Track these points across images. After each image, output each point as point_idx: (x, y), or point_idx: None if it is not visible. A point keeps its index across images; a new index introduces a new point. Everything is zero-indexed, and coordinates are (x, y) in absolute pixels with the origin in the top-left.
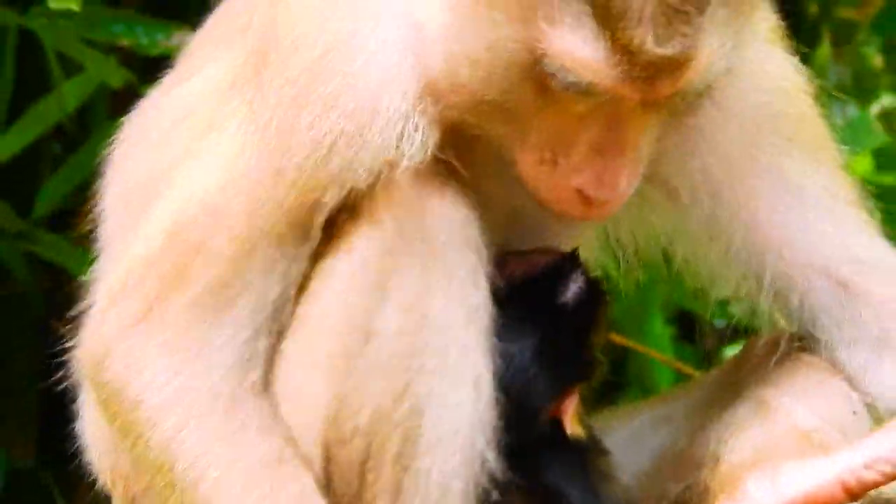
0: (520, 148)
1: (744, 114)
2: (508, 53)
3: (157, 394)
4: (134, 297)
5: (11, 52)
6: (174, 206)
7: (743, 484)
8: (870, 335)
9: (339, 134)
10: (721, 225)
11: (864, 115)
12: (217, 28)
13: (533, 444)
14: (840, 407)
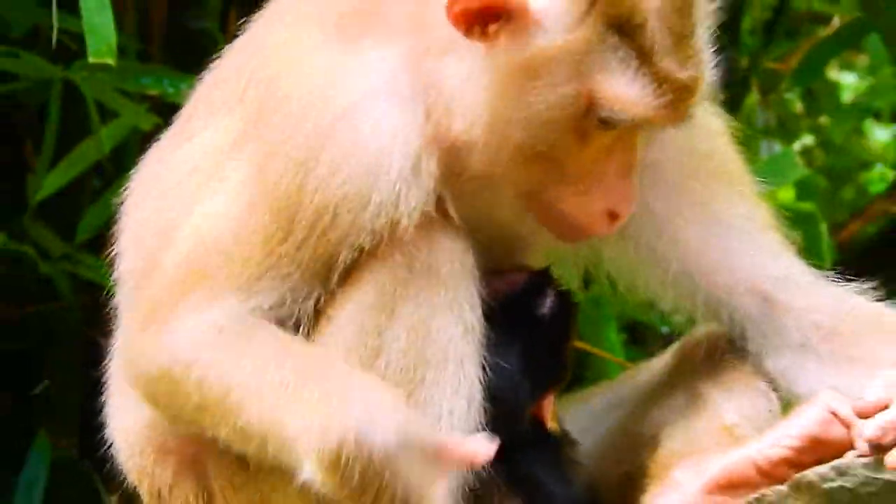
0: (555, 190)
1: (679, 156)
2: (566, 108)
3: (196, 365)
4: (163, 306)
5: (56, 101)
6: (189, 246)
7: (673, 472)
8: (792, 342)
9: (344, 197)
10: (659, 253)
11: (788, 152)
12: (210, 93)
13: (516, 439)
14: (760, 406)
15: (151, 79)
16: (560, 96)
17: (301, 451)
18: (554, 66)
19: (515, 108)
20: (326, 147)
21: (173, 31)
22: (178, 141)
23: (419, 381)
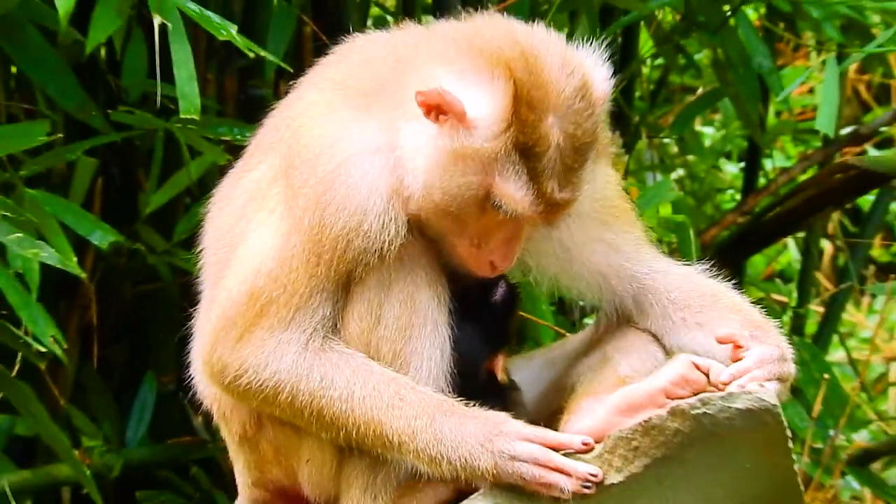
0: (458, 238)
1: (583, 207)
2: (471, 190)
3: (284, 371)
4: (237, 326)
5: (160, 144)
6: (250, 269)
7: (580, 403)
8: (656, 313)
9: (350, 230)
10: (572, 266)
11: (666, 181)
12: (262, 137)
13: (476, 386)
14: (648, 363)
15: (225, 128)
16: (469, 181)
17: (410, 451)
18: (470, 160)
19: (440, 178)
20: (332, 189)
21: (241, 96)
22: (241, 173)
23: (408, 337)
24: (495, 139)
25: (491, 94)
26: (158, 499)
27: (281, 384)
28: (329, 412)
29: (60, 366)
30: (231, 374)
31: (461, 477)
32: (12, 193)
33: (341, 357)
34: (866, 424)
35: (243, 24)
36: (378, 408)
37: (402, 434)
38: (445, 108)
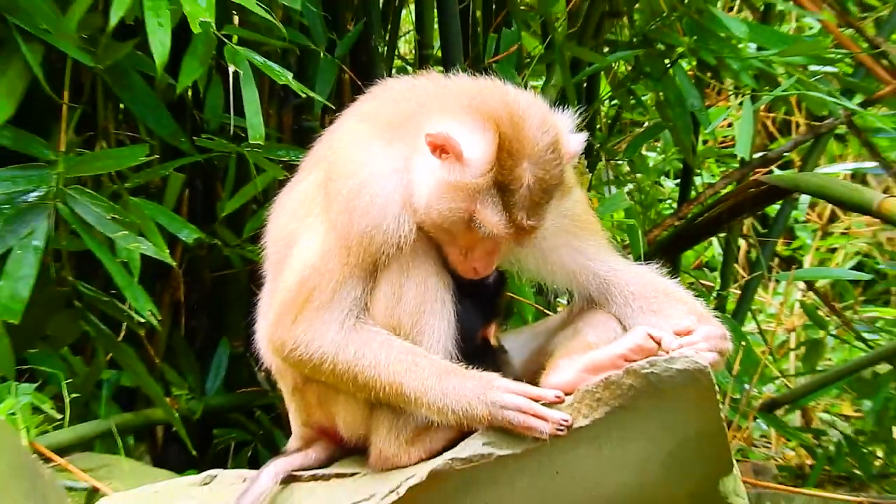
0: (450, 247)
1: (555, 220)
2: (459, 213)
3: (327, 346)
4: (291, 310)
5: (233, 163)
6: (300, 264)
7: (556, 363)
8: (618, 302)
9: (372, 227)
10: (546, 266)
11: (620, 193)
12: (311, 155)
13: (472, 350)
14: (610, 333)
15: (283, 151)
16: (458, 206)
17: (423, 404)
18: (461, 190)
19: (438, 201)
20: (359, 197)
21: (295, 127)
22: (294, 184)
23: (422, 312)
24: (481, 176)
25: (482, 141)
26: (230, 435)
27: (324, 356)
28: (361, 377)
29: (155, 333)
30: (287, 348)
31: (463, 423)
32: (119, 200)
33: (369, 333)
34: (772, 380)
35: (297, 72)
36: (398, 372)
37: (416, 392)
38: (448, 148)
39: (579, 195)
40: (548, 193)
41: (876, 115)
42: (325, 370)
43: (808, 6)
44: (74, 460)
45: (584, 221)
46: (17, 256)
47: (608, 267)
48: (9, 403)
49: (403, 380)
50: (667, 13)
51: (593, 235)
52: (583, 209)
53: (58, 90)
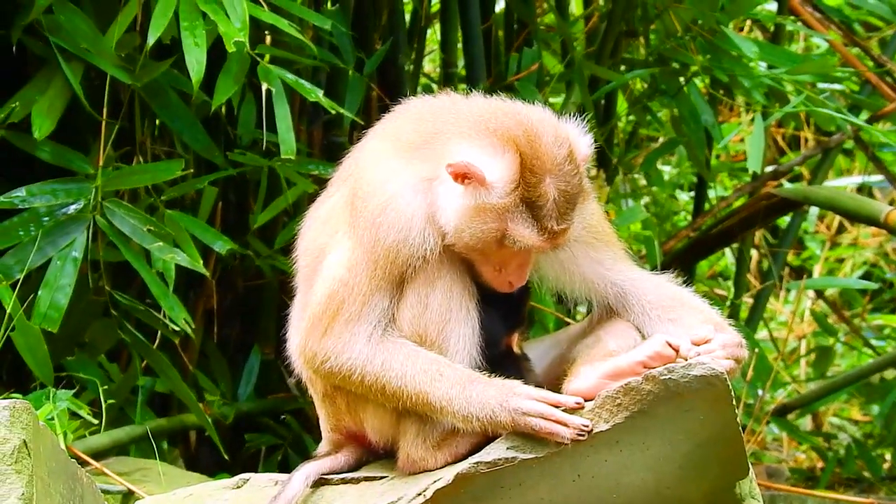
0: (483, 266)
1: (575, 232)
2: (491, 234)
3: (355, 358)
4: (321, 323)
5: (265, 177)
6: (329, 278)
7: (578, 370)
8: (636, 311)
9: (398, 242)
10: (566, 277)
11: (637, 206)
12: (340, 172)
13: (497, 357)
14: (629, 341)
15: (313, 166)
16: (490, 227)
17: (449, 412)
18: (490, 212)
19: (468, 226)
20: (384, 214)
21: (324, 142)
22: (324, 199)
23: (447, 320)
24: (508, 196)
25: (503, 164)
26: (261, 440)
27: (353, 368)
28: (389, 388)
29: (189, 340)
30: (318, 361)
31: (487, 430)
32: (156, 213)
33: (396, 345)
34: (784, 385)
35: (327, 89)
36: (424, 382)
37: (441, 401)
38: (470, 175)
39: (595, 207)
40: (572, 202)
41: (882, 130)
42: (355, 381)
43: (815, 27)
44: (110, 464)
45: (601, 233)
46: (57, 267)
47: (625, 276)
48: (47, 409)
49: (429, 389)
50: (681, 33)
51: (610, 246)
52: (599, 220)
53: (97, 107)
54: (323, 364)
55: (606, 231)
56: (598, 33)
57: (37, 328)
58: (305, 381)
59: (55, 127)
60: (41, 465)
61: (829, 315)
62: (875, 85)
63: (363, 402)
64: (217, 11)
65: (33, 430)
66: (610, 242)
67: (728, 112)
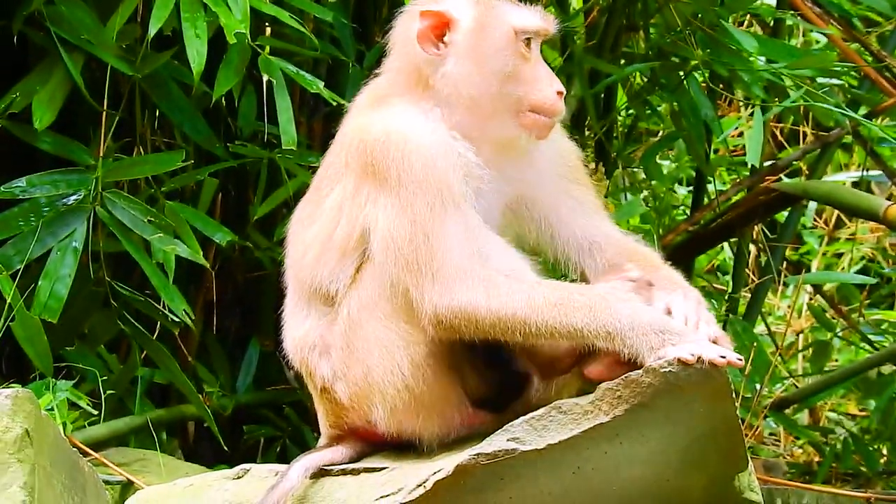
0: (526, 93)
1: (554, 172)
2: (507, 40)
3: (477, 290)
4: (424, 279)
5: (265, 169)
6: (399, 240)
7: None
8: (605, 266)
9: (441, 168)
10: (545, 226)
11: (636, 200)
12: (328, 171)
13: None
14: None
15: (314, 157)
16: (503, 35)
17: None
18: (490, 28)
19: (488, 57)
20: (414, 154)
21: (325, 134)
22: (319, 195)
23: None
24: (484, 7)
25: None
26: (260, 431)
27: (477, 303)
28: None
29: (189, 332)
30: (448, 313)
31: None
32: (156, 204)
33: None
34: (782, 380)
35: (328, 81)
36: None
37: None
38: (442, 19)
39: (577, 152)
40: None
41: (880, 125)
42: (483, 318)
43: (815, 21)
44: (109, 455)
45: (582, 179)
46: (57, 257)
47: (604, 230)
48: (47, 399)
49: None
50: (681, 27)
51: (592, 196)
52: (580, 167)
53: (98, 98)
54: (452, 310)
55: (588, 182)
56: (598, 27)
57: (37, 318)
58: (304, 375)
59: (56, 117)
60: (43, 454)
61: (827, 310)
62: (874, 80)
63: (366, 394)
64: (218, 3)
65: (35, 419)
66: (593, 196)
67: (727, 106)
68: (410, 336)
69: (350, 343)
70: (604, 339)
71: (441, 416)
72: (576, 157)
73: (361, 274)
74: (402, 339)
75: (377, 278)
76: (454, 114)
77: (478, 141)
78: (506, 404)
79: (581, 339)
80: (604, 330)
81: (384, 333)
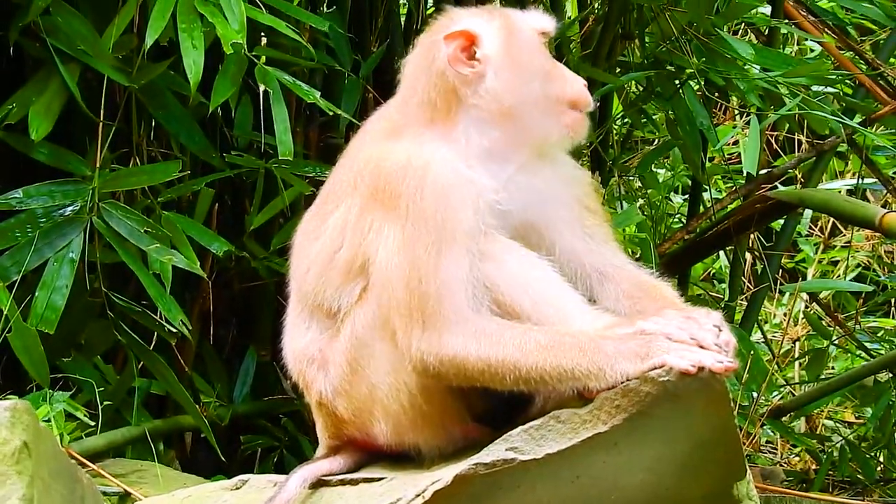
0: (558, 85)
1: (565, 197)
2: (536, 43)
3: (466, 336)
4: (412, 320)
5: (261, 178)
6: (394, 273)
7: None
8: (611, 297)
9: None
10: (556, 252)
11: (632, 208)
12: (335, 187)
13: None
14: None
15: (309, 167)
16: (530, 37)
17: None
18: (517, 33)
19: (525, 62)
20: (424, 183)
21: (321, 143)
22: (322, 213)
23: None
24: (503, 19)
25: (477, 20)
26: (257, 441)
27: (467, 349)
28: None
29: (185, 342)
30: (432, 358)
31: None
32: (153, 214)
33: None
34: (778, 388)
35: (324, 91)
36: (550, 348)
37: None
38: (467, 38)
39: (587, 178)
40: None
41: (875, 133)
42: (472, 365)
43: (810, 30)
44: (106, 466)
45: (592, 207)
46: (54, 268)
47: (611, 260)
48: (44, 410)
49: (556, 356)
50: (677, 36)
51: (602, 225)
52: (590, 194)
53: (94, 108)
54: (439, 359)
55: (598, 210)
56: (593, 36)
57: (33, 329)
58: (301, 387)
59: (52, 128)
60: (42, 465)
61: (823, 318)
62: (869, 88)
63: (369, 409)
64: (215, 13)
65: (34, 430)
66: (602, 225)
67: (723, 115)
68: None
69: (354, 360)
70: (595, 378)
71: (442, 431)
72: (587, 184)
73: (368, 294)
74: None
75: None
76: (490, 131)
77: (511, 156)
78: (507, 420)
79: (573, 380)
80: (595, 367)
81: (392, 352)
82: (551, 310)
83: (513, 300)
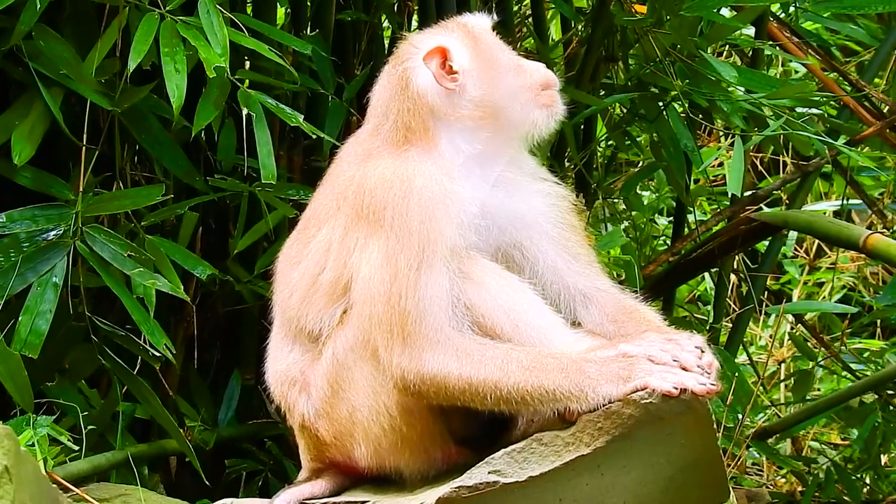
0: (528, 92)
1: (547, 216)
2: (509, 56)
3: (447, 353)
4: (393, 337)
5: (245, 202)
6: (386, 302)
7: None
8: (595, 320)
9: (435, 219)
10: (538, 273)
11: (616, 230)
12: (316, 212)
13: None
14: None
15: (293, 190)
16: (491, 38)
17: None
18: (480, 38)
19: (496, 63)
20: (408, 199)
21: (305, 167)
22: (307, 234)
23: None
24: (472, 30)
25: (448, 38)
26: (242, 465)
27: (448, 367)
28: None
29: (170, 366)
30: (412, 375)
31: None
32: (136, 238)
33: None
34: (764, 409)
35: (307, 114)
36: (534, 369)
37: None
38: (443, 55)
39: (568, 196)
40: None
41: (860, 154)
42: (452, 383)
43: (794, 51)
44: (91, 490)
45: (575, 228)
46: (37, 293)
47: (595, 282)
48: (27, 435)
49: (538, 377)
50: (660, 58)
51: (584, 246)
52: (571, 215)
53: (77, 132)
54: (420, 376)
55: (580, 231)
56: (577, 58)
57: (17, 354)
58: (284, 410)
59: (35, 152)
60: (23, 490)
61: (809, 339)
62: (853, 109)
63: (350, 431)
64: (197, 37)
65: (15, 455)
66: (584, 246)
67: (707, 137)
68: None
69: (335, 382)
70: (577, 400)
71: (424, 454)
72: (568, 203)
73: (349, 316)
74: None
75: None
76: (478, 136)
77: (499, 155)
78: (489, 443)
79: (555, 401)
80: (577, 389)
81: (372, 375)
82: (533, 333)
83: (493, 323)
